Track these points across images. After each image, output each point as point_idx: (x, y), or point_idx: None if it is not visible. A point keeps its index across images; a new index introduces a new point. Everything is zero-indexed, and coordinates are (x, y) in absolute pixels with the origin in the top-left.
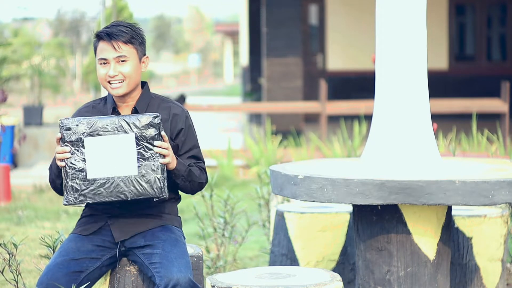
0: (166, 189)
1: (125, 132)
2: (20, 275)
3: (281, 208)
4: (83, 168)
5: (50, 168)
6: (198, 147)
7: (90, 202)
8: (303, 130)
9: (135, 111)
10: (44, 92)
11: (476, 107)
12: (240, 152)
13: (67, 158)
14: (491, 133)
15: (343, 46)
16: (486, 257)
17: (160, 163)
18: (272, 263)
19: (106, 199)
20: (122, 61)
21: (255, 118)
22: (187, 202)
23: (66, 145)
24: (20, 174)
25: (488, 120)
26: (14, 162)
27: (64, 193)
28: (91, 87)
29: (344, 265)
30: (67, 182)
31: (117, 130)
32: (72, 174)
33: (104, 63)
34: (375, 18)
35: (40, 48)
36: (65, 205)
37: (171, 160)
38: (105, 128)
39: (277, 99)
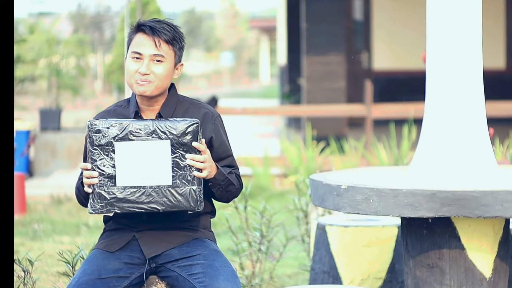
0: (202, 201)
1: (160, 138)
2: None
3: (322, 221)
4: (112, 175)
5: (78, 191)
6: (232, 155)
7: (118, 211)
8: (346, 135)
9: (159, 116)
10: (63, 94)
11: None
12: (277, 160)
13: (94, 181)
14: None
15: (391, 44)
16: None
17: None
18: (312, 281)
19: (136, 209)
20: (158, 60)
21: (294, 123)
22: (219, 214)
23: (94, 170)
24: (36, 183)
25: None
26: (29, 171)
27: (90, 200)
28: (114, 88)
29: (392, 283)
30: (94, 189)
31: (151, 135)
32: (100, 180)
33: (137, 58)
34: (425, 13)
35: (58, 45)
36: (90, 213)
37: (209, 173)
38: (138, 132)
39: (318, 101)
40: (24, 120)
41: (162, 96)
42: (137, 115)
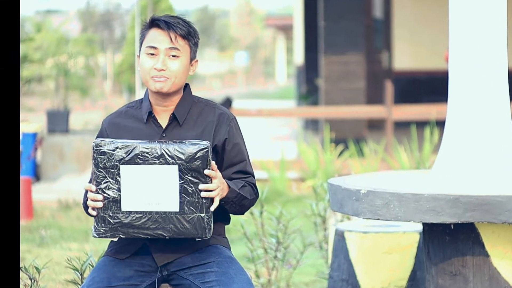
0: (210, 229)
1: (167, 163)
2: None
3: (341, 227)
4: (117, 199)
5: (85, 205)
6: (246, 159)
7: (123, 237)
8: (366, 138)
9: (173, 117)
10: (71, 95)
11: None
12: (294, 163)
13: (98, 204)
14: None
15: (412, 42)
16: None
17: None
18: None
19: (141, 235)
20: (174, 55)
21: (311, 125)
22: (234, 220)
23: (98, 192)
24: (43, 188)
25: None
26: (36, 175)
27: (94, 223)
28: (124, 88)
29: None
30: (99, 213)
31: (159, 159)
32: (104, 204)
33: (153, 54)
34: (448, 10)
35: (66, 44)
36: (94, 237)
37: (221, 196)
38: (145, 155)
39: (336, 102)
40: (31, 122)
41: (177, 95)
42: (150, 116)
